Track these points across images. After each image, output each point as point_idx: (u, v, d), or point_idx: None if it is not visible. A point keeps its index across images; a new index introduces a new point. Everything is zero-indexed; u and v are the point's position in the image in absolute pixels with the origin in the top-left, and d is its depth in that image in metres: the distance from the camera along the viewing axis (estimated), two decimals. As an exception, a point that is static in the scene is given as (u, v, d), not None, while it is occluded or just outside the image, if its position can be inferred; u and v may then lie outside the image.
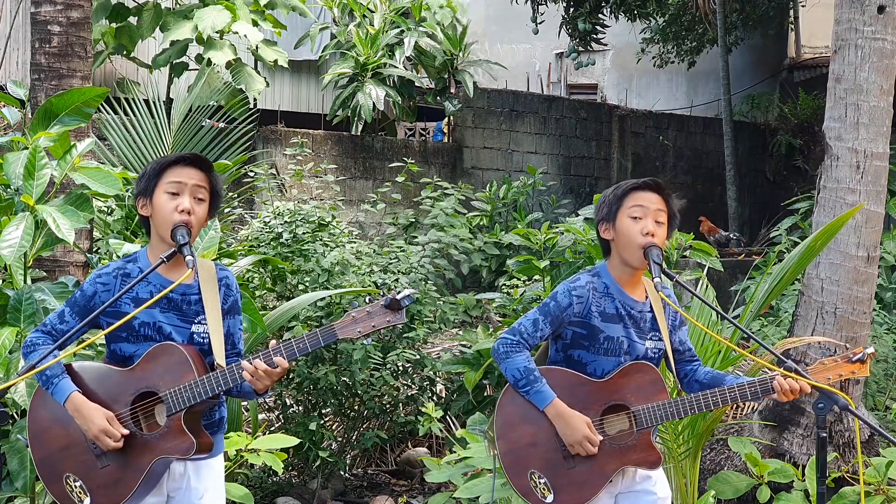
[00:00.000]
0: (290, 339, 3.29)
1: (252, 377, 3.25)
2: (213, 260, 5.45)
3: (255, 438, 5.16)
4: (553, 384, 3.55)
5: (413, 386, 7.01)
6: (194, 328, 3.39)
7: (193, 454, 3.30)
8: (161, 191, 3.36)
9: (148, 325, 3.35)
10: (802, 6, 18.50)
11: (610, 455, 3.54)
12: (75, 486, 3.36)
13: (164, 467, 3.37)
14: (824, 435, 3.37)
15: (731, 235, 14.62)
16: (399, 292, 3.25)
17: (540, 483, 3.57)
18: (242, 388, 3.37)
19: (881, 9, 5.90)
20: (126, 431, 3.30)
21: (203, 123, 8.35)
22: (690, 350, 3.75)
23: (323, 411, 6.79)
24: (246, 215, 8.06)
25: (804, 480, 5.39)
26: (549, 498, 3.56)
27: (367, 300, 3.32)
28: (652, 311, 3.61)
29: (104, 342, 3.46)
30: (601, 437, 3.52)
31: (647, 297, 3.62)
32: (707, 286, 6.05)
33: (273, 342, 3.32)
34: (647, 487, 3.66)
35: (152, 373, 3.32)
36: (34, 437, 3.44)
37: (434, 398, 7.08)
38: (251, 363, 3.24)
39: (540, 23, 17.15)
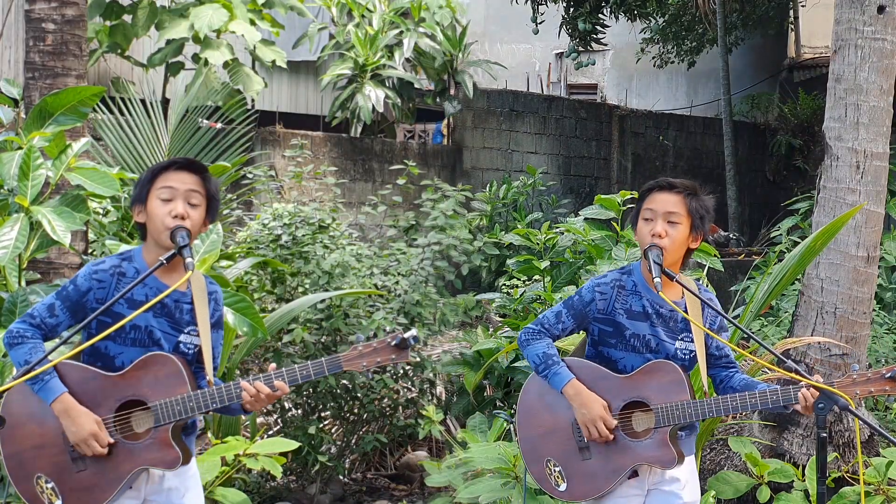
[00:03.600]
0: (293, 365, 3.28)
1: (251, 398, 3.24)
2: (213, 262, 5.46)
3: (254, 443, 5.12)
4: (576, 374, 3.58)
5: (413, 388, 6.98)
6: (182, 337, 3.37)
7: (179, 466, 3.29)
8: (154, 196, 3.32)
9: (139, 328, 3.31)
10: (802, 6, 18.50)
11: (625, 450, 3.55)
12: (46, 488, 3.30)
13: (141, 473, 3.34)
14: (824, 435, 3.34)
15: (731, 235, 14.61)
16: (405, 332, 3.29)
17: (555, 471, 3.62)
18: (231, 405, 3.36)
19: (881, 9, 5.88)
20: (111, 440, 3.26)
21: (200, 124, 8.31)
22: (728, 356, 3.72)
23: (322, 415, 6.76)
24: (245, 217, 8.02)
25: (804, 480, 5.37)
26: (563, 486, 3.61)
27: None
28: (686, 311, 3.59)
29: (82, 334, 3.39)
30: (616, 423, 3.53)
31: (682, 297, 3.60)
32: (707, 286, 6.02)
33: (273, 365, 3.31)
34: (675, 490, 3.64)
35: (142, 381, 3.27)
36: (5, 432, 3.35)
37: (434, 400, 7.05)
38: (252, 385, 3.23)
39: (540, 23, 17.14)
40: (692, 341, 3.61)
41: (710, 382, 3.69)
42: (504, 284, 8.94)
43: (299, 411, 6.68)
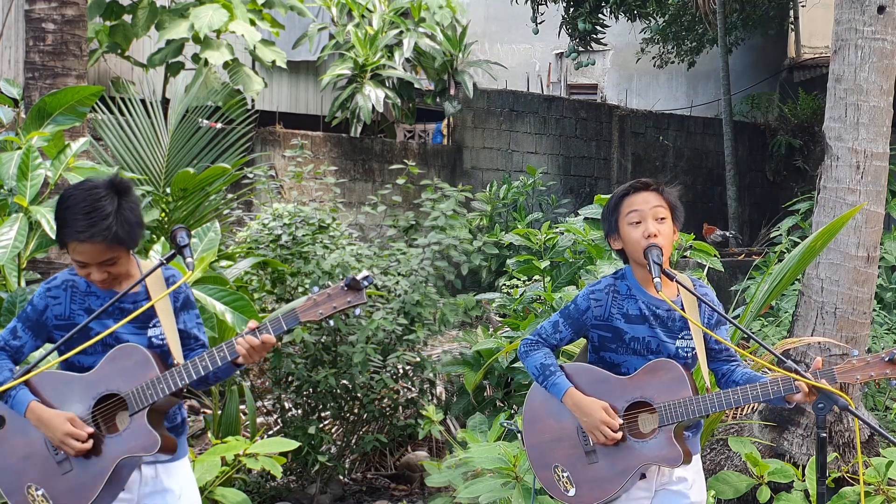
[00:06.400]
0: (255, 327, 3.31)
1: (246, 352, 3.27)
2: (211, 261, 5.46)
3: (254, 443, 5.12)
4: (576, 380, 3.60)
5: (413, 388, 6.98)
6: (150, 332, 3.39)
7: (157, 451, 3.29)
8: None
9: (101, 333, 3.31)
10: (802, 6, 18.50)
11: (631, 452, 3.55)
12: (37, 495, 3.34)
13: (129, 469, 3.35)
14: (824, 435, 3.34)
15: (729, 233, 14.62)
16: (358, 272, 3.29)
17: (563, 477, 3.63)
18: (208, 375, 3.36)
19: (881, 9, 5.88)
20: (91, 429, 3.27)
21: (200, 124, 8.30)
22: (728, 350, 3.70)
23: (322, 415, 6.75)
24: (245, 217, 8.02)
25: (804, 480, 5.36)
26: (572, 492, 3.62)
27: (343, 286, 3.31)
28: (682, 308, 3.59)
29: (59, 352, 3.40)
30: (620, 422, 3.53)
31: (678, 294, 3.60)
32: (707, 285, 6.02)
33: (252, 323, 3.35)
34: (682, 490, 3.65)
35: (112, 375, 3.30)
36: None
37: (434, 400, 7.05)
38: (205, 357, 3.26)
39: (540, 23, 17.14)
40: (692, 339, 3.61)
41: (713, 378, 3.70)
42: (504, 284, 8.94)
43: (299, 411, 6.68)
